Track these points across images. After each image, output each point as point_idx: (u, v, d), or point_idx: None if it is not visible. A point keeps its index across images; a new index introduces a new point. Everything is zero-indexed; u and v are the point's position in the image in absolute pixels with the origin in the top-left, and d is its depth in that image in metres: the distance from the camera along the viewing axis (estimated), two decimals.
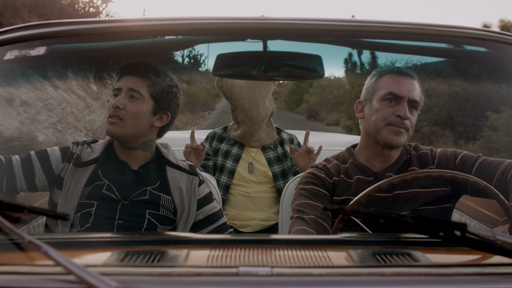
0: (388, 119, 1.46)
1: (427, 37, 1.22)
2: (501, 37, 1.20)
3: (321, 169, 1.57)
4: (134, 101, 1.42)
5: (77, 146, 1.51)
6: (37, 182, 1.46)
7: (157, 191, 1.49)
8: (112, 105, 1.43)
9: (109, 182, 1.46)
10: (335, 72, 2.52)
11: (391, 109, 1.46)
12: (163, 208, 1.49)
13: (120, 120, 1.42)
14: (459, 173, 1.18)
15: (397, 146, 1.47)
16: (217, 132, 2.44)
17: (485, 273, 0.71)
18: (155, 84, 1.45)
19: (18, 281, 0.67)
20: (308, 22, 1.15)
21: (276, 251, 0.79)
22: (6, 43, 1.14)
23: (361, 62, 1.70)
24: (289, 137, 2.42)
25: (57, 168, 1.47)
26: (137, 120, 1.43)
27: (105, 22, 1.19)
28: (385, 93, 1.47)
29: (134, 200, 1.46)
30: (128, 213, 1.44)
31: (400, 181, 1.17)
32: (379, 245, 0.83)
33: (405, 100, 1.45)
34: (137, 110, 1.43)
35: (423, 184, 1.47)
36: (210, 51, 1.44)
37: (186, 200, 1.52)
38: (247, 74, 1.39)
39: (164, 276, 0.68)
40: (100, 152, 1.52)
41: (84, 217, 1.41)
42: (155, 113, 1.47)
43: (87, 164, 1.48)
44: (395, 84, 1.46)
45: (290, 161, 2.35)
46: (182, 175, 1.55)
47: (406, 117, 1.44)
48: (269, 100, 2.31)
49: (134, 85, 1.43)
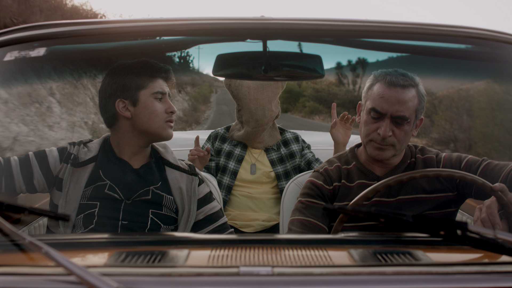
0: (370, 136, 1.46)
1: (428, 37, 1.22)
2: (502, 36, 1.20)
3: (321, 173, 1.56)
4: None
5: (74, 146, 1.51)
6: (36, 183, 1.45)
7: (160, 190, 1.49)
8: (170, 110, 1.51)
9: (111, 182, 1.45)
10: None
11: (374, 125, 1.45)
12: (166, 208, 1.50)
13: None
14: (456, 171, 1.18)
15: (383, 159, 1.47)
16: (219, 132, 2.43)
17: (486, 272, 0.71)
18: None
19: (19, 282, 0.67)
20: (308, 22, 1.15)
21: (277, 251, 0.79)
22: (6, 44, 1.14)
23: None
24: (293, 135, 2.42)
25: (55, 169, 1.46)
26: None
27: (105, 23, 1.19)
28: (370, 107, 1.45)
29: (136, 200, 1.46)
30: (131, 213, 1.44)
31: (396, 182, 1.17)
32: (380, 244, 0.83)
33: (387, 118, 1.42)
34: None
35: (427, 189, 1.46)
36: (207, 52, 1.45)
37: (186, 200, 1.52)
38: (247, 74, 1.39)
39: (165, 276, 0.68)
40: (97, 151, 1.51)
41: (87, 219, 1.40)
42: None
43: (85, 164, 1.47)
44: (380, 99, 1.42)
45: (299, 158, 2.34)
46: (182, 175, 1.56)
47: (385, 136, 1.41)
48: (275, 103, 2.30)
49: (168, 89, 1.54)
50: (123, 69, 1.49)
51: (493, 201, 1.10)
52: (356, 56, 1.61)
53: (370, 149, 1.47)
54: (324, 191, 1.51)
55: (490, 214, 1.08)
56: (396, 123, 1.43)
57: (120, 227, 1.41)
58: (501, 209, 1.12)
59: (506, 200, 1.10)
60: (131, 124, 1.48)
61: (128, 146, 1.50)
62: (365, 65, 28.24)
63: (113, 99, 1.47)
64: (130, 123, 1.48)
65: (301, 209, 1.49)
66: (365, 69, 29.94)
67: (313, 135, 2.40)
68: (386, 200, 1.47)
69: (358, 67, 31.22)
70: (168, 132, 1.51)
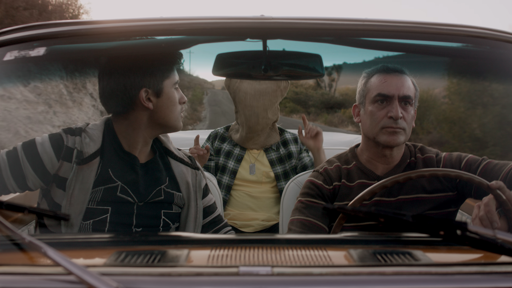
0: (382, 123, 1.45)
1: (427, 36, 1.21)
2: (502, 35, 1.19)
3: (320, 173, 1.56)
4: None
5: (72, 136, 1.32)
6: (31, 185, 1.29)
7: (170, 189, 1.42)
8: (183, 100, 1.43)
9: (122, 183, 1.32)
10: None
11: (383, 110, 1.45)
12: (176, 206, 1.44)
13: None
14: (452, 170, 1.18)
15: (396, 146, 1.47)
16: (219, 131, 2.43)
17: (485, 272, 0.70)
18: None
19: (18, 282, 0.67)
20: (308, 21, 1.15)
21: (277, 251, 0.79)
22: (5, 44, 1.14)
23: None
24: (292, 136, 2.41)
25: (52, 167, 1.29)
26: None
27: (105, 23, 1.19)
28: (375, 95, 1.46)
29: (150, 202, 1.37)
30: (144, 217, 1.36)
31: (392, 183, 1.17)
32: (380, 244, 0.83)
33: (395, 99, 1.44)
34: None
35: (428, 189, 1.46)
36: (199, 54, 1.48)
37: (193, 195, 1.47)
38: (247, 73, 1.39)
39: (164, 276, 0.68)
40: (101, 141, 1.35)
41: (98, 225, 1.29)
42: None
43: (90, 160, 1.30)
44: (383, 84, 1.45)
45: (297, 159, 2.34)
46: (187, 169, 1.49)
47: (398, 117, 1.42)
48: (273, 110, 2.27)
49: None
50: (149, 55, 1.39)
51: (490, 199, 1.10)
52: (356, 56, 1.60)
53: (383, 136, 1.45)
54: (324, 191, 1.51)
55: (488, 212, 1.08)
56: (404, 103, 1.45)
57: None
58: (499, 207, 1.12)
59: (504, 198, 1.10)
60: (149, 115, 1.36)
61: (141, 138, 1.38)
62: (340, 69, 33.15)
63: (137, 87, 1.32)
64: (149, 114, 1.36)
65: (301, 208, 1.49)
66: (340, 74, 34.87)
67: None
68: (387, 199, 1.47)
69: (333, 72, 35.79)
70: (181, 124, 1.43)
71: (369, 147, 1.53)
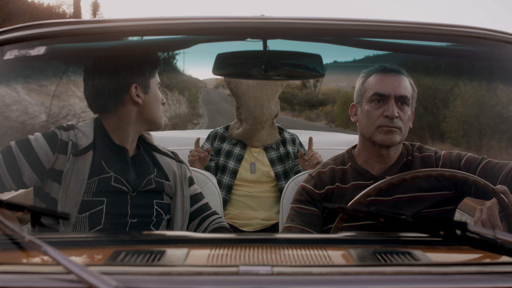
0: (378, 122, 1.46)
1: (428, 36, 1.21)
2: (502, 36, 1.19)
3: (312, 177, 1.57)
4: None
5: (65, 131, 1.38)
6: (27, 181, 1.32)
7: (159, 178, 1.49)
8: (163, 101, 1.59)
9: (115, 174, 1.38)
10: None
11: (379, 110, 1.46)
12: (167, 196, 1.50)
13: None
14: (458, 172, 1.18)
15: (392, 145, 1.47)
16: (218, 131, 2.43)
17: (485, 272, 0.71)
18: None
19: (18, 281, 0.67)
20: (308, 21, 1.15)
21: (277, 250, 0.79)
22: (5, 43, 1.14)
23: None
24: (291, 136, 2.42)
25: (47, 162, 1.32)
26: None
27: (105, 22, 1.18)
28: (371, 94, 1.47)
29: (142, 191, 1.43)
30: (138, 206, 1.41)
31: (399, 181, 1.17)
32: (380, 244, 0.83)
33: (391, 99, 1.44)
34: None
35: (425, 187, 1.46)
36: (192, 54, 1.52)
37: (179, 185, 1.55)
38: (247, 73, 1.39)
39: (164, 275, 0.68)
40: (93, 136, 1.41)
41: (94, 217, 1.33)
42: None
43: (84, 152, 1.36)
44: (380, 84, 1.46)
45: (293, 160, 2.35)
46: (172, 161, 1.59)
47: (393, 116, 1.42)
48: (274, 102, 2.30)
49: None
50: (137, 55, 1.49)
51: (494, 203, 1.10)
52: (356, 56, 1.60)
53: (379, 136, 1.46)
54: (314, 196, 1.52)
55: (491, 215, 1.08)
56: (400, 103, 1.46)
57: (129, 226, 1.38)
58: (502, 211, 1.11)
59: (508, 202, 1.10)
60: (138, 111, 1.45)
61: (131, 132, 1.47)
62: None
63: (127, 82, 1.41)
64: (138, 110, 1.45)
65: (292, 216, 1.51)
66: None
67: (313, 135, 2.39)
68: (383, 199, 1.46)
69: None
70: (163, 123, 1.58)
71: (366, 147, 1.54)
